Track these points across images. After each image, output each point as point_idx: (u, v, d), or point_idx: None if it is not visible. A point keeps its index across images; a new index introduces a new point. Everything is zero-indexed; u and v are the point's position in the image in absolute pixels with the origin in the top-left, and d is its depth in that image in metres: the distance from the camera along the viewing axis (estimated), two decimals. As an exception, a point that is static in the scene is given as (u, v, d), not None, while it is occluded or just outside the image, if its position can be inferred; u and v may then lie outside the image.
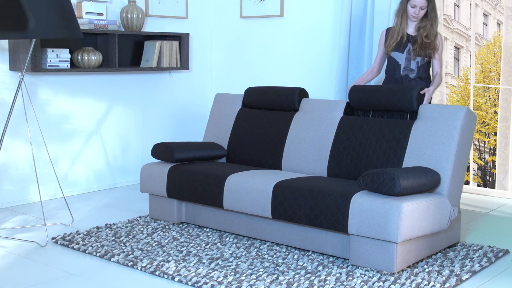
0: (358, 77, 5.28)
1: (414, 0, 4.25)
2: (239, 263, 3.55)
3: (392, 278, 3.32)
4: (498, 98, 5.41)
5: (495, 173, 5.41)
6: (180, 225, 4.33)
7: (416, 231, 3.37)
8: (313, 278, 3.31)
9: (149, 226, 4.30)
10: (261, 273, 3.38)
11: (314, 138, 4.21)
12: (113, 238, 4.00)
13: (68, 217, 4.55)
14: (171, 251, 3.75)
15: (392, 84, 4.42)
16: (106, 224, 4.31)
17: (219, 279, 3.27)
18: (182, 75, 6.11)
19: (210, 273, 3.37)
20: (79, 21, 5.03)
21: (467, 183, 5.57)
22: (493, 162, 5.54)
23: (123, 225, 4.29)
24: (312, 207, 3.58)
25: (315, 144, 4.18)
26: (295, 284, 3.21)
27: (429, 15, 4.29)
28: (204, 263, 3.54)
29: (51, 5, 3.92)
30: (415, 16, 4.28)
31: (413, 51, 4.32)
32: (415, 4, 4.25)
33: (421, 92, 3.93)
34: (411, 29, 4.38)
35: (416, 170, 3.51)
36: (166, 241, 3.96)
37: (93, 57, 5.06)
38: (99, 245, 3.84)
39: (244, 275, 3.35)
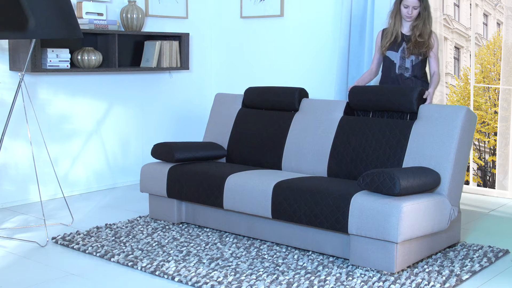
0: (358, 77, 5.28)
1: (406, 0, 4.34)
2: (239, 263, 3.55)
3: (392, 278, 3.32)
4: (498, 98, 5.41)
5: (495, 173, 5.41)
6: (180, 225, 4.33)
7: (416, 231, 3.37)
8: (313, 278, 3.31)
9: (149, 226, 4.30)
10: (261, 273, 3.38)
11: (314, 138, 4.21)
12: (113, 238, 4.00)
13: (68, 217, 4.55)
14: (171, 251, 3.75)
15: (388, 83, 4.49)
16: (106, 224, 4.31)
17: (219, 279, 3.27)
18: (182, 75, 6.11)
19: (210, 273, 3.37)
20: (79, 21, 5.03)
21: (467, 183, 5.57)
22: (493, 162, 5.54)
23: (123, 225, 4.29)
24: (312, 207, 3.58)
25: (315, 144, 4.18)
26: (295, 284, 3.21)
27: (421, 14, 4.37)
28: (204, 263, 3.54)
29: (51, 5, 3.92)
30: (408, 16, 4.37)
31: (406, 50, 4.40)
32: (408, 4, 4.34)
33: (424, 97, 3.96)
34: (406, 29, 4.45)
35: (416, 170, 3.51)
36: (166, 241, 3.96)
37: (93, 57, 5.06)
38: (99, 245, 3.84)
39: (244, 275, 3.35)
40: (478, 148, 5.81)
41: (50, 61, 4.83)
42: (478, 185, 5.61)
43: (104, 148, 5.51)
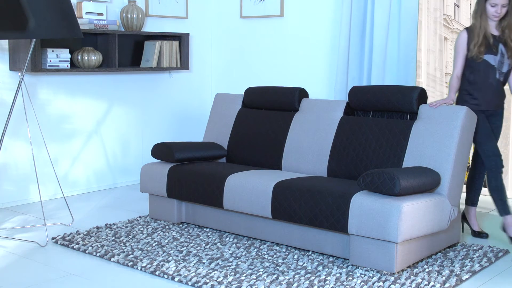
0: (358, 77, 5.26)
1: None
2: (239, 263, 3.55)
3: (392, 278, 3.32)
4: (498, 98, 5.39)
5: (495, 173, 5.39)
6: (180, 225, 4.33)
7: (416, 231, 3.37)
8: (313, 278, 3.31)
9: (149, 226, 4.30)
10: (261, 273, 3.38)
11: (314, 138, 4.21)
12: (113, 238, 4.00)
13: (68, 217, 4.55)
14: (171, 251, 3.75)
15: (487, 90, 4.09)
16: (106, 224, 4.31)
17: (219, 279, 3.27)
18: (182, 75, 6.11)
19: (210, 273, 3.37)
20: (79, 21, 5.04)
21: (467, 183, 5.55)
22: (493, 162, 5.52)
23: (123, 225, 4.29)
24: (312, 207, 3.58)
25: (315, 144, 4.18)
26: (295, 284, 3.21)
27: (509, 12, 4.04)
28: (204, 263, 3.54)
29: (51, 5, 3.92)
30: (496, 15, 4.02)
31: (507, 54, 4.05)
32: (496, 2, 3.99)
33: None
34: (493, 29, 4.10)
35: (416, 170, 3.51)
36: (166, 241, 3.96)
37: (93, 57, 5.07)
38: (99, 245, 3.84)
39: (244, 275, 3.35)
40: (478, 148, 5.79)
41: (50, 61, 4.83)
42: (478, 185, 5.60)
43: (104, 148, 5.51)
